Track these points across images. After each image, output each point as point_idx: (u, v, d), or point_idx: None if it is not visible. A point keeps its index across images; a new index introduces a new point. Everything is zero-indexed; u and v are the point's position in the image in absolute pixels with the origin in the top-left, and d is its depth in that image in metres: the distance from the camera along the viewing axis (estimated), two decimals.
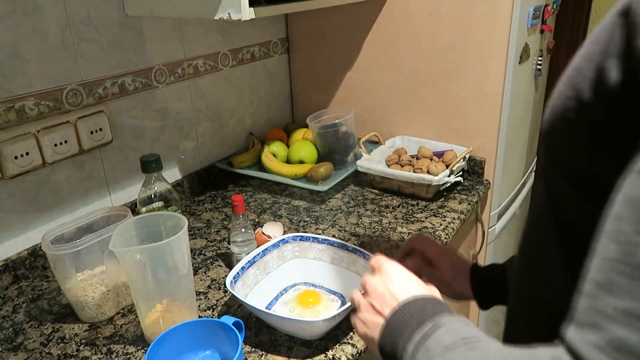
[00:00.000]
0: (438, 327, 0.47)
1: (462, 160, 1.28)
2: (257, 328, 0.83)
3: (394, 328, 0.51)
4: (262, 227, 1.06)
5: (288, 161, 1.39)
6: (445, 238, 1.08)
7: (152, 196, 0.95)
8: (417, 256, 0.80)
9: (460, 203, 1.23)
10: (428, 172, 1.23)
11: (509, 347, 0.40)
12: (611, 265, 0.29)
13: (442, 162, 1.28)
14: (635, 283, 0.27)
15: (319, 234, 0.94)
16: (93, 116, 1.05)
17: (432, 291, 0.55)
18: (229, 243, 1.08)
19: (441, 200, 1.24)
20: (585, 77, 0.37)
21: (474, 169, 1.35)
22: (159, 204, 0.96)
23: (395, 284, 0.55)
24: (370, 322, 0.55)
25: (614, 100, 0.34)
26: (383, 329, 0.52)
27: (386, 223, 1.13)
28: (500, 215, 1.45)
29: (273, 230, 1.03)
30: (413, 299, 0.52)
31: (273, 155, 1.37)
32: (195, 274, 0.99)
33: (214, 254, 1.06)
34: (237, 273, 0.84)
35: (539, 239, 0.48)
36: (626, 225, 0.29)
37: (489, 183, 1.35)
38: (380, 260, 0.60)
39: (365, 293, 0.59)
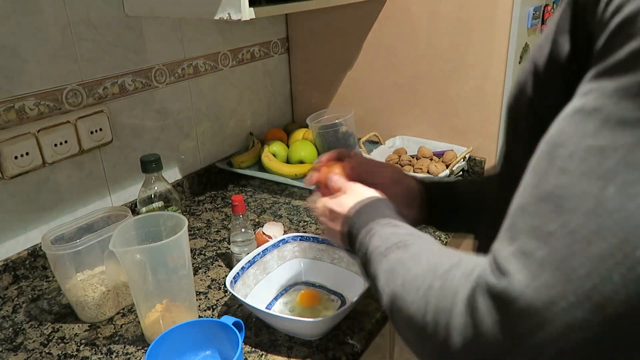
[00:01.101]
0: (372, 235, 0.54)
1: (462, 160, 1.28)
2: (257, 328, 0.83)
3: (349, 229, 0.59)
4: (262, 227, 1.06)
5: (288, 161, 1.39)
6: (446, 238, 1.08)
7: (152, 196, 0.95)
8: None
9: None
10: (428, 172, 1.23)
11: (439, 246, 0.47)
12: (528, 191, 0.35)
13: (442, 162, 1.28)
14: (542, 205, 0.33)
15: (318, 234, 0.94)
16: (93, 116, 1.05)
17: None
18: (229, 243, 1.08)
19: None
20: (543, 53, 0.42)
21: (474, 169, 1.35)
22: (159, 204, 0.96)
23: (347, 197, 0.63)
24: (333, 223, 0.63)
25: (565, 71, 0.39)
26: (343, 232, 0.61)
27: None
28: None
29: (273, 230, 1.03)
30: (356, 207, 0.60)
31: (273, 155, 1.37)
32: (195, 274, 0.99)
33: (214, 254, 1.06)
34: (237, 273, 0.84)
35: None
36: (542, 160, 0.35)
37: None
38: (338, 183, 0.66)
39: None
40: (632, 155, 0.30)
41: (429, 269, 0.42)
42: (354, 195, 0.63)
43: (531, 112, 0.44)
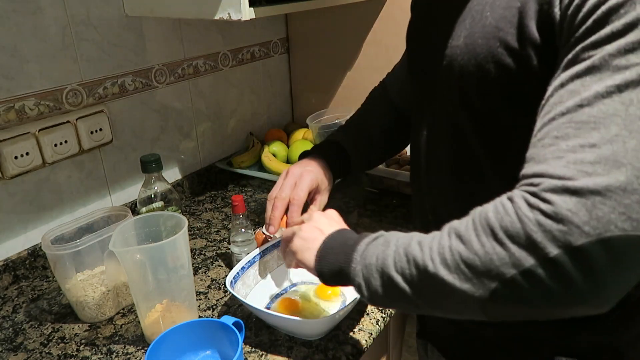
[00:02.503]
0: (384, 233, 0.59)
1: None
2: (257, 328, 0.83)
3: (330, 250, 0.63)
4: (262, 227, 1.06)
5: (288, 161, 1.39)
6: None
7: (152, 196, 0.95)
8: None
9: None
10: None
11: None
12: (562, 125, 0.46)
13: None
14: (581, 130, 0.45)
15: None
16: (93, 116, 1.05)
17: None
18: (229, 243, 1.08)
19: None
20: (508, 32, 0.54)
21: None
22: (159, 204, 0.96)
23: (320, 223, 0.68)
24: (304, 247, 0.66)
25: (539, 47, 0.52)
26: (319, 253, 0.64)
27: (386, 223, 1.13)
28: None
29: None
30: (339, 230, 0.65)
31: (273, 155, 1.37)
32: (195, 274, 0.99)
33: (214, 254, 1.06)
34: (237, 273, 0.84)
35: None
36: (566, 101, 0.46)
37: None
38: (305, 216, 0.72)
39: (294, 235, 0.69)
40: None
41: (468, 220, 0.50)
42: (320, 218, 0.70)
43: (508, 78, 0.55)
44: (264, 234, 1.00)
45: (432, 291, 0.51)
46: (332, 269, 0.61)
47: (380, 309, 0.86)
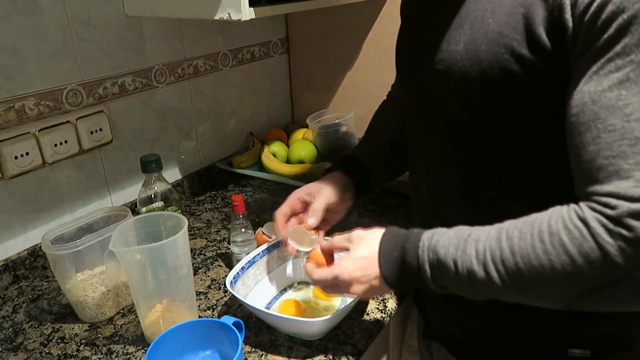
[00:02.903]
0: (434, 249, 0.58)
1: None
2: (257, 328, 0.83)
3: (393, 269, 0.62)
4: (262, 227, 1.06)
5: (288, 161, 1.39)
6: None
7: (152, 196, 0.95)
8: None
9: None
10: None
11: (511, 221, 0.53)
12: (614, 143, 0.46)
13: None
14: (637, 147, 0.45)
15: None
16: (93, 116, 1.05)
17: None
18: (229, 243, 1.08)
19: None
20: (514, 38, 0.53)
21: None
22: (159, 204, 0.96)
23: (361, 268, 0.64)
24: (373, 292, 0.65)
25: (548, 53, 0.51)
26: (386, 282, 0.62)
27: (386, 223, 1.12)
28: None
29: (273, 230, 1.03)
30: (383, 251, 0.63)
31: (273, 155, 1.37)
32: (195, 274, 0.99)
33: (214, 254, 1.06)
34: (237, 273, 0.84)
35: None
36: (610, 120, 0.46)
37: None
38: (330, 274, 0.67)
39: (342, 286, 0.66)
40: None
41: (533, 240, 0.50)
42: (361, 267, 0.65)
43: (513, 83, 0.55)
44: (263, 234, 1.00)
45: (507, 299, 0.54)
46: (407, 288, 0.63)
47: (380, 309, 0.86)
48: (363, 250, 0.65)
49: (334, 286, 0.67)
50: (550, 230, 0.49)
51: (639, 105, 0.45)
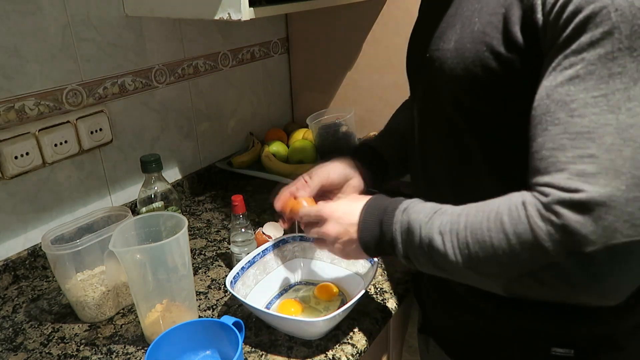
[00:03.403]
0: (408, 212, 0.61)
1: None
2: (257, 328, 0.83)
3: (370, 221, 0.65)
4: (262, 227, 1.06)
5: (288, 161, 1.39)
6: None
7: (152, 196, 0.95)
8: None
9: None
10: None
11: (469, 205, 0.56)
12: (557, 136, 0.48)
13: None
14: (576, 141, 0.46)
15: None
16: (93, 116, 1.05)
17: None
18: (229, 243, 1.08)
19: None
20: (494, 37, 0.56)
21: None
22: (159, 204, 0.96)
23: (343, 217, 0.69)
24: (350, 248, 0.69)
25: (523, 51, 0.53)
26: (360, 227, 0.66)
27: None
28: None
29: (273, 230, 1.03)
30: (370, 204, 0.67)
31: (273, 155, 1.37)
32: (195, 274, 0.99)
33: (214, 254, 1.06)
34: (237, 273, 0.84)
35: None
36: (557, 113, 0.48)
37: None
38: (314, 211, 0.72)
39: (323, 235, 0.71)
40: (627, 91, 0.46)
41: (483, 218, 0.53)
42: (343, 210, 0.70)
43: (494, 80, 0.57)
44: (263, 234, 1.00)
45: (459, 276, 0.57)
46: (377, 249, 0.66)
47: (380, 309, 0.86)
48: (349, 201, 0.71)
49: (315, 223, 0.72)
50: (497, 210, 0.52)
51: (584, 101, 0.47)
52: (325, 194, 0.84)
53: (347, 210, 0.69)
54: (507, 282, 0.52)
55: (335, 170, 0.84)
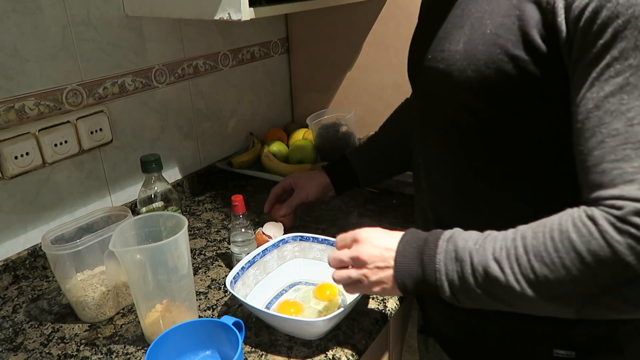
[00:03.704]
0: (454, 240, 0.57)
1: None
2: (257, 328, 0.83)
3: (409, 267, 0.60)
4: (262, 227, 1.06)
5: (288, 161, 1.39)
6: None
7: (152, 196, 0.95)
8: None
9: None
10: None
11: (520, 227, 0.53)
12: (618, 147, 0.46)
13: None
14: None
15: (319, 234, 0.94)
16: (93, 116, 1.05)
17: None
18: (229, 243, 1.08)
19: None
20: (508, 39, 0.54)
21: None
22: (159, 204, 0.96)
23: (379, 240, 0.64)
24: (384, 278, 0.63)
25: (541, 54, 0.52)
26: (397, 274, 0.61)
27: (386, 223, 1.13)
28: None
29: (273, 230, 1.03)
30: (407, 237, 0.63)
31: (273, 155, 1.37)
32: (195, 274, 0.99)
33: (214, 254, 1.06)
34: (237, 273, 0.84)
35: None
36: (614, 124, 0.47)
37: None
38: (349, 235, 0.68)
39: (356, 266, 0.66)
40: None
41: (545, 239, 0.50)
42: (380, 237, 0.66)
43: (508, 83, 0.56)
44: (264, 234, 1.00)
45: (522, 305, 0.54)
46: (416, 287, 0.61)
47: (380, 309, 0.86)
48: (383, 238, 0.65)
49: (349, 266, 0.67)
50: (560, 229, 0.50)
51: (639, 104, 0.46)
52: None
53: (384, 236, 0.65)
54: (582, 304, 0.50)
55: (313, 191, 1.01)
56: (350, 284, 0.67)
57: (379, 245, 0.64)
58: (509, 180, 0.61)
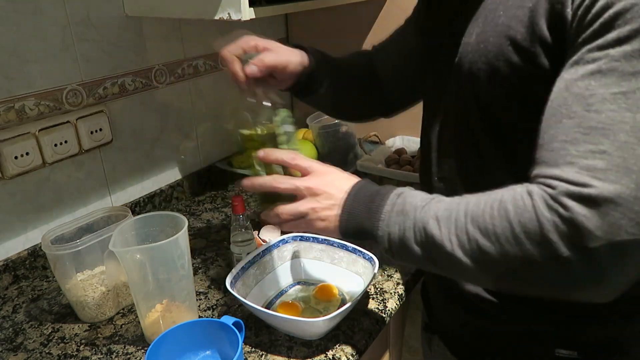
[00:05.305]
0: (404, 195, 0.59)
1: None
2: (257, 328, 0.83)
3: (355, 209, 0.61)
4: (259, 231, 1.06)
5: None
6: None
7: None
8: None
9: None
10: None
11: (469, 195, 0.55)
12: (571, 129, 0.47)
13: None
14: (590, 136, 0.46)
15: (318, 234, 0.94)
16: (93, 116, 1.05)
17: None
18: (229, 243, 1.08)
19: None
20: (518, 31, 0.55)
21: None
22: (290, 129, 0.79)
23: (337, 180, 0.64)
24: (330, 216, 0.62)
25: (548, 46, 0.53)
26: (343, 214, 0.61)
27: None
28: None
29: (269, 234, 1.03)
30: (360, 184, 0.63)
31: None
32: (195, 274, 0.99)
33: (214, 254, 1.06)
34: (237, 273, 0.84)
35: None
36: (574, 106, 0.48)
37: None
38: (308, 164, 0.66)
39: (308, 195, 0.64)
40: None
41: (485, 206, 0.51)
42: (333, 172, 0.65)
43: (517, 75, 0.56)
44: (259, 238, 1.00)
45: (448, 265, 0.54)
46: (356, 231, 0.62)
47: (380, 309, 0.86)
48: (340, 178, 0.65)
49: (296, 192, 0.65)
50: (500, 199, 0.51)
51: (602, 97, 0.46)
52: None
53: (341, 179, 0.64)
54: (503, 274, 0.51)
55: (293, 62, 0.82)
56: (292, 221, 0.65)
57: (336, 184, 0.63)
58: (520, 176, 0.61)
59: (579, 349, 0.63)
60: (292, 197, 0.66)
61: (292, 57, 0.81)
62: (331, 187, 0.63)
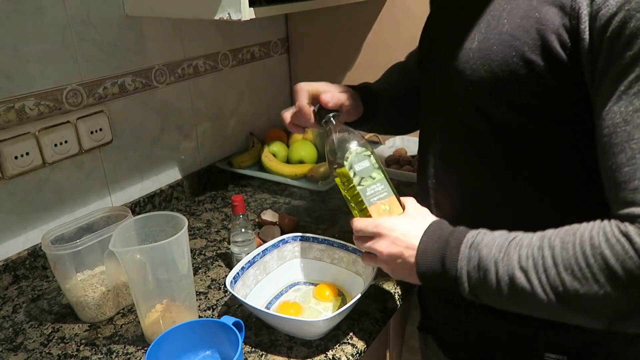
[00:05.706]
0: (477, 247, 0.56)
1: None
2: (257, 328, 0.83)
3: (430, 252, 0.60)
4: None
5: (288, 161, 1.39)
6: None
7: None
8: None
9: None
10: None
11: (553, 230, 0.52)
12: None
13: None
14: None
15: (319, 234, 0.94)
16: (93, 116, 1.05)
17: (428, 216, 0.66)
18: (229, 243, 1.08)
19: None
20: (525, 42, 0.53)
21: None
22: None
23: (401, 237, 0.63)
24: (407, 273, 0.64)
25: (558, 60, 0.51)
26: (419, 256, 0.61)
27: None
28: None
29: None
30: (429, 233, 0.62)
31: (273, 155, 1.37)
32: (195, 274, 0.99)
33: (214, 254, 1.06)
34: (237, 273, 0.84)
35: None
36: None
37: None
38: (370, 224, 0.66)
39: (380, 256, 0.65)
40: None
41: (577, 251, 0.49)
42: (402, 231, 0.64)
43: (521, 87, 0.55)
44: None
45: (546, 313, 0.53)
46: (437, 282, 0.61)
47: (380, 309, 0.86)
48: (410, 219, 0.65)
49: (369, 237, 0.66)
50: (592, 243, 0.48)
51: None
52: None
53: (407, 231, 0.63)
54: (614, 318, 0.49)
55: (345, 96, 0.81)
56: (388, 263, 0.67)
57: (400, 244, 0.63)
58: (516, 183, 0.61)
59: (568, 353, 0.63)
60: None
61: (342, 95, 0.81)
62: (396, 248, 0.63)
